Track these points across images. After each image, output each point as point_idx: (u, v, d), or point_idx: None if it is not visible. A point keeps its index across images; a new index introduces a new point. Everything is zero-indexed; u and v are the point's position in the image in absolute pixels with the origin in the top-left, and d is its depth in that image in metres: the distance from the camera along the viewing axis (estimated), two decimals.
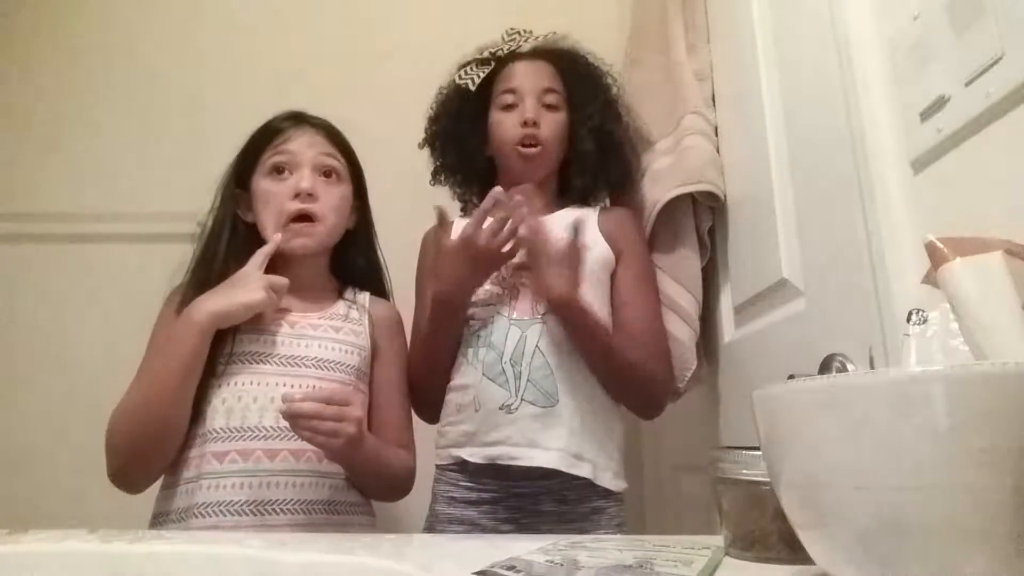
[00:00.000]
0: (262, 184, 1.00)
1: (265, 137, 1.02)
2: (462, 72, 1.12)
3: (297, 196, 0.97)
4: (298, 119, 1.03)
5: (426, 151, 1.19)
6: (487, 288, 1.01)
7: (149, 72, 1.65)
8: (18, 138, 1.61)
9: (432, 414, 1.06)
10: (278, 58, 1.65)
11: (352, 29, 1.69)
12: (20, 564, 0.54)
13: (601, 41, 1.18)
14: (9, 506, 1.29)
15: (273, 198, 0.98)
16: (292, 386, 0.92)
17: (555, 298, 0.92)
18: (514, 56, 1.12)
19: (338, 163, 1.02)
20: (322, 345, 0.97)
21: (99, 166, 1.60)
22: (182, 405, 0.89)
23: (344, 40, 1.68)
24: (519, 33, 1.14)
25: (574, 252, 0.93)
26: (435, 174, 1.18)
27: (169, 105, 1.63)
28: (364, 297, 1.07)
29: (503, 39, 1.14)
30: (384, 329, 1.05)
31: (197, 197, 1.05)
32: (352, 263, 1.09)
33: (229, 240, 1.00)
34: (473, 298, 1.01)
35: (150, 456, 0.89)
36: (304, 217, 0.98)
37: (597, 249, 1.03)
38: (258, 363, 0.93)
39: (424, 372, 1.04)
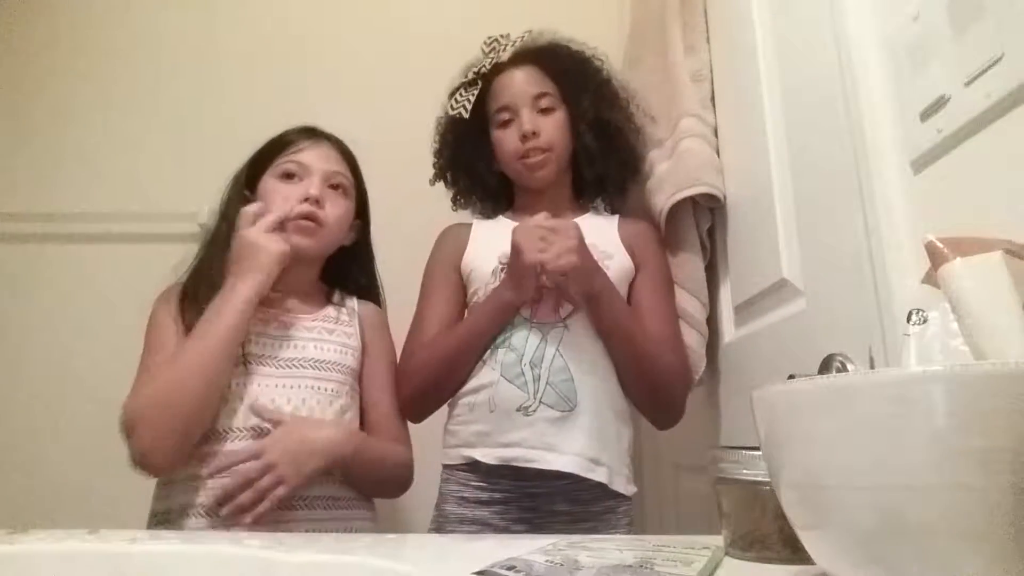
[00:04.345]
0: (270, 184, 1.02)
1: (279, 146, 1.04)
2: (453, 101, 1.13)
3: (306, 200, 0.99)
4: (314, 133, 1.06)
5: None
6: None
7: (150, 73, 1.65)
8: (18, 138, 1.61)
9: (422, 414, 1.05)
10: (280, 61, 1.65)
11: (354, 35, 1.69)
12: (20, 564, 0.54)
13: (601, 41, 1.18)
14: (9, 506, 1.29)
15: (280, 196, 1.00)
16: (291, 387, 0.94)
17: (598, 285, 0.94)
18: (500, 67, 1.11)
19: (346, 179, 1.05)
20: (318, 346, 0.99)
21: (100, 166, 1.60)
22: (224, 378, 0.89)
23: (346, 46, 1.68)
24: (497, 40, 1.13)
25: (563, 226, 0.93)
26: (455, 201, 1.20)
27: (170, 105, 1.63)
28: (352, 300, 1.09)
29: (483, 51, 1.13)
30: (372, 329, 1.08)
31: (197, 197, 1.06)
32: (351, 278, 1.12)
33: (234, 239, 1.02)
34: None
35: (185, 434, 0.87)
36: (309, 219, 0.99)
37: (618, 259, 1.04)
38: (258, 365, 0.95)
39: (447, 374, 1.01)
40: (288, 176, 1.02)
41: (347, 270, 1.12)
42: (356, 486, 0.98)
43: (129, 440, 0.85)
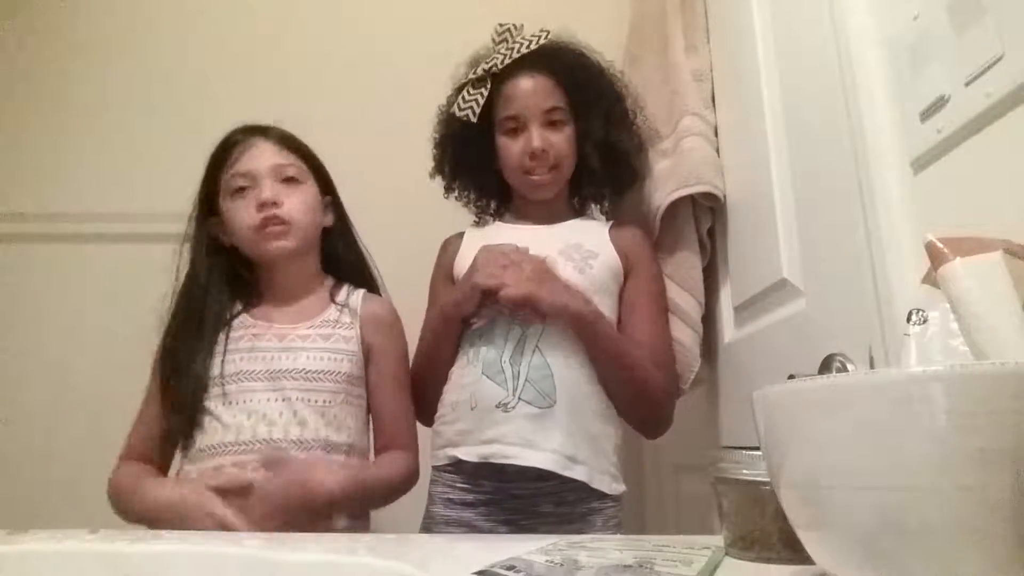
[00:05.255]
0: (228, 206, 1.01)
1: (220, 159, 1.02)
2: (460, 100, 1.08)
3: (263, 206, 0.97)
4: (248, 131, 1.03)
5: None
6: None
7: (149, 72, 1.65)
8: (18, 138, 1.61)
9: (429, 416, 1.06)
10: (276, 59, 1.65)
11: (347, 30, 1.69)
12: (20, 564, 0.54)
13: (601, 41, 1.17)
14: (9, 506, 1.29)
15: (240, 215, 0.99)
16: (281, 400, 0.94)
17: (572, 313, 0.94)
18: (510, 70, 1.07)
19: (295, 167, 1.02)
20: (310, 356, 0.97)
21: (99, 166, 1.60)
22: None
23: (338, 41, 1.67)
24: (509, 31, 1.09)
25: (537, 262, 0.96)
26: (448, 189, 1.18)
27: (169, 105, 1.63)
28: (357, 297, 1.06)
29: (493, 40, 1.10)
30: (376, 327, 1.04)
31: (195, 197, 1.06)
32: (336, 257, 1.09)
33: (210, 271, 1.02)
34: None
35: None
36: (275, 222, 0.98)
37: (604, 257, 1.03)
38: (248, 381, 0.95)
39: (428, 378, 1.04)
40: (240, 191, 0.99)
41: (331, 249, 1.09)
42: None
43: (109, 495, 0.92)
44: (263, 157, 1.00)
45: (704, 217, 1.09)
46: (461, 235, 1.14)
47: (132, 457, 0.96)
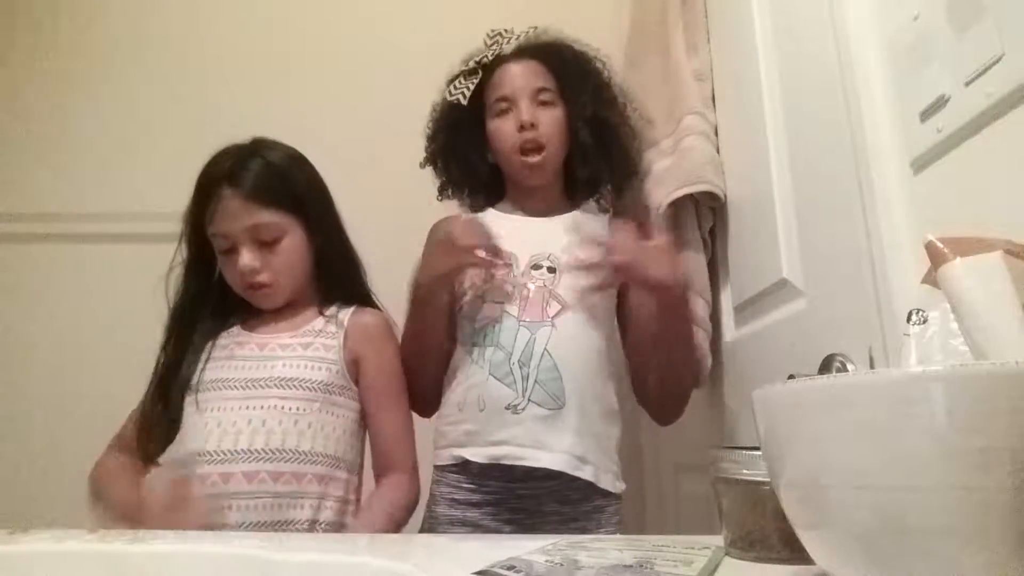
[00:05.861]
0: (219, 258, 1.01)
1: (198, 210, 1.00)
2: (451, 88, 1.11)
3: (243, 274, 0.97)
4: (214, 179, 0.98)
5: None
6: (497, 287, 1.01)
7: (149, 72, 1.66)
8: (18, 138, 1.61)
9: (424, 408, 1.05)
10: (276, 58, 1.65)
11: (347, 31, 1.69)
12: (20, 564, 0.54)
13: (600, 41, 1.17)
14: (9, 506, 1.29)
15: (227, 274, 1.00)
16: (252, 408, 0.93)
17: (669, 287, 0.94)
18: (501, 59, 1.10)
19: (269, 227, 0.98)
20: (286, 364, 0.96)
21: (99, 166, 1.60)
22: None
23: (339, 43, 1.68)
24: (500, 34, 1.12)
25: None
26: (442, 190, 1.17)
27: (169, 104, 1.63)
28: (348, 310, 1.04)
29: (485, 43, 1.12)
30: (365, 338, 1.01)
31: None
32: (327, 273, 1.07)
33: (204, 292, 1.03)
34: (482, 296, 1.01)
35: None
36: (259, 287, 0.98)
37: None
38: (225, 389, 0.95)
39: (411, 364, 1.03)
40: (225, 251, 0.99)
41: (325, 268, 1.06)
42: None
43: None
44: (236, 218, 0.97)
45: (706, 216, 1.09)
46: (454, 219, 1.12)
47: (118, 447, 0.99)
